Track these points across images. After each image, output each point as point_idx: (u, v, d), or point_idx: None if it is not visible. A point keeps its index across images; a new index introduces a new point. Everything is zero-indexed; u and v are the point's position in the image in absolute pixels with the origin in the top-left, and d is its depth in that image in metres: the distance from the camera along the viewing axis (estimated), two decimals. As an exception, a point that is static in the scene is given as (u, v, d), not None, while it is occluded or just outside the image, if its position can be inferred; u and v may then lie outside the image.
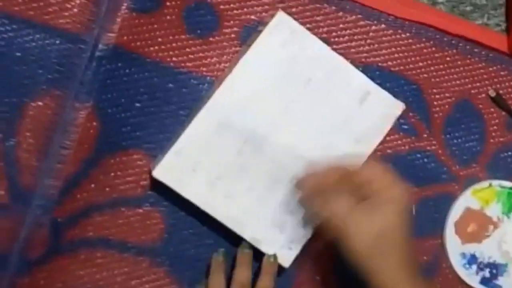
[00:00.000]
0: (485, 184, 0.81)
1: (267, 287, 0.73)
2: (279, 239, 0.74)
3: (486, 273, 0.81)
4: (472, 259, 0.81)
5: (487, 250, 0.80)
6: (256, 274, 0.74)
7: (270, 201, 0.74)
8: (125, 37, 0.71)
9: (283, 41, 0.73)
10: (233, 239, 0.74)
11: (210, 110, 0.71)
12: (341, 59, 0.75)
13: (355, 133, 0.75)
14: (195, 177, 0.71)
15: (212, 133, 0.72)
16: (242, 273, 0.72)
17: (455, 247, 0.80)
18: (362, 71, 0.75)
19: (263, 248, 0.73)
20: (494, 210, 0.81)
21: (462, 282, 0.81)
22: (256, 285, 0.73)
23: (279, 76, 0.73)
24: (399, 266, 0.66)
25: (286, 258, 0.74)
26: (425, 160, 0.80)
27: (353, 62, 0.76)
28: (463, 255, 0.81)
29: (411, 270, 0.67)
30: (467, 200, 0.81)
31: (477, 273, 0.81)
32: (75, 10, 0.70)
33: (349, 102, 0.75)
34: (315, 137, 0.74)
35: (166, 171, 0.71)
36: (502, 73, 0.82)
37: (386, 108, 0.76)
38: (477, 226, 0.81)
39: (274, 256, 0.73)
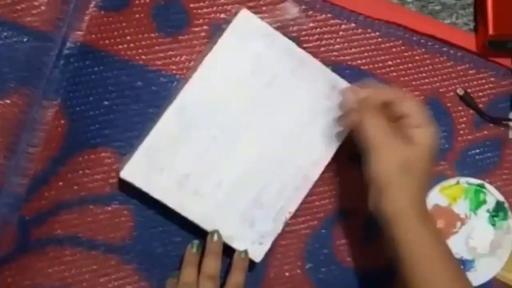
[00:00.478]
0: (452, 181, 0.82)
1: (238, 282, 0.73)
2: (250, 234, 0.74)
3: (455, 269, 0.81)
4: (439, 255, 0.81)
5: (454, 246, 0.80)
6: (227, 270, 0.74)
7: (239, 197, 0.74)
8: (93, 35, 0.70)
9: (248, 38, 0.72)
10: (202, 236, 0.73)
11: (176, 109, 0.71)
12: (306, 54, 0.75)
13: (323, 128, 0.75)
14: (163, 176, 0.71)
15: (179, 131, 0.71)
16: (210, 264, 0.72)
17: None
18: (332, 70, 0.75)
19: (234, 244, 0.73)
20: (461, 207, 0.82)
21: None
22: (227, 281, 0.73)
23: (245, 73, 0.73)
24: (416, 193, 0.69)
25: (257, 253, 0.74)
26: (394, 158, 0.80)
27: (323, 61, 0.76)
28: (431, 250, 0.81)
29: (423, 202, 0.70)
30: (435, 197, 0.81)
31: (445, 269, 0.81)
32: (43, 8, 0.69)
33: (316, 97, 0.75)
34: (283, 133, 0.75)
35: (133, 171, 0.71)
36: (470, 71, 0.82)
37: None
38: (445, 223, 0.81)
39: (245, 252, 0.73)
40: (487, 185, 0.82)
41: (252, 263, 0.74)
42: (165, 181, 0.71)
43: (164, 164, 0.71)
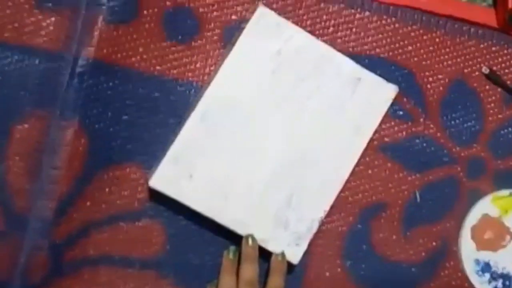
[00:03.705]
0: (506, 192, 0.76)
1: (278, 286, 0.68)
2: (285, 236, 0.69)
3: (499, 283, 0.75)
4: (486, 267, 0.75)
5: (502, 260, 0.75)
6: (266, 274, 0.69)
7: (271, 198, 0.69)
8: (105, 50, 0.66)
9: (267, 35, 0.69)
10: (238, 242, 0.69)
11: (200, 113, 0.68)
12: (327, 47, 0.70)
13: (352, 122, 0.71)
14: (192, 182, 0.67)
15: (205, 136, 0.68)
16: (248, 269, 0.67)
17: (469, 252, 0.75)
18: (351, 61, 0.71)
19: (270, 247, 0.69)
20: (512, 220, 0.77)
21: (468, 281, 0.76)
22: (267, 285, 0.68)
23: (267, 72, 0.69)
24: None
25: (295, 255, 0.70)
26: (424, 144, 0.75)
27: (341, 53, 0.71)
28: (477, 261, 0.75)
29: None
30: (486, 206, 0.75)
31: (489, 282, 0.75)
32: (51, 27, 0.66)
33: (341, 90, 0.71)
34: (312, 130, 0.70)
35: (162, 180, 0.67)
36: (493, 48, 0.77)
37: (379, 92, 0.72)
38: (494, 234, 0.75)
39: (282, 254, 0.69)
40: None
41: (290, 265, 0.70)
42: (195, 187, 0.67)
43: (192, 170, 0.67)
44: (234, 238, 0.69)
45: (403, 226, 0.74)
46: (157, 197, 0.68)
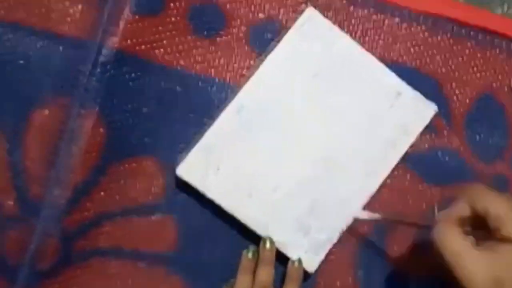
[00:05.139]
0: None
1: None
2: (303, 243, 0.68)
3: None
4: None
5: None
6: (282, 279, 0.68)
7: (296, 203, 0.68)
8: (129, 41, 0.65)
9: (312, 37, 0.68)
10: (251, 243, 0.68)
11: (236, 107, 0.67)
12: (371, 57, 0.69)
13: (387, 135, 0.70)
14: (219, 175, 0.66)
15: (238, 130, 0.67)
16: (264, 272, 0.66)
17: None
18: (377, 68, 0.70)
19: (288, 252, 0.68)
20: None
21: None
22: None
23: (307, 75, 0.68)
24: None
25: (311, 263, 0.68)
26: (447, 158, 0.73)
27: (369, 59, 0.70)
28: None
29: None
30: None
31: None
32: (77, 15, 0.65)
33: (380, 102, 0.69)
34: (345, 139, 0.69)
35: (190, 169, 0.66)
36: (525, 64, 0.75)
37: (417, 110, 0.70)
38: None
39: (299, 261, 0.67)
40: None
41: (305, 273, 0.68)
42: (220, 180, 0.66)
43: (220, 163, 0.66)
44: (247, 238, 0.68)
45: (419, 241, 0.72)
46: (171, 192, 0.67)
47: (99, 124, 0.65)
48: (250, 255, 0.67)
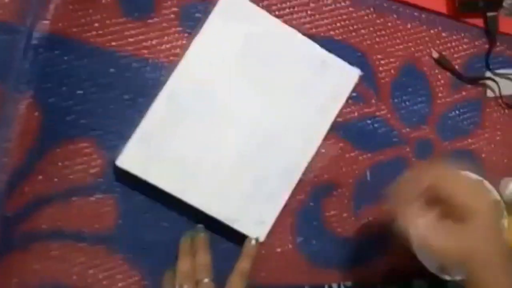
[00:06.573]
0: None
1: (244, 268, 0.68)
2: (251, 216, 0.70)
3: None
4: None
5: None
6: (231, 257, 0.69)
7: (238, 178, 0.70)
8: (60, 24, 0.65)
9: (235, 18, 0.69)
10: (190, 221, 0.70)
11: (167, 94, 0.68)
12: (293, 31, 0.71)
13: (316, 104, 0.72)
14: (159, 161, 0.67)
15: (171, 116, 0.68)
16: (201, 257, 0.68)
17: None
18: (306, 42, 0.72)
19: (236, 226, 0.70)
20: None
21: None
22: (236, 266, 0.69)
23: (234, 55, 0.69)
24: (495, 282, 0.58)
25: (260, 233, 0.70)
26: (375, 125, 0.77)
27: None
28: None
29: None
30: None
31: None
32: (6, 0, 0.64)
33: (306, 73, 0.72)
34: (278, 111, 0.71)
35: (129, 159, 0.67)
36: (443, 34, 0.79)
37: (342, 76, 0.73)
38: None
39: (256, 239, 0.70)
40: (486, 183, 0.74)
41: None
42: (162, 166, 0.67)
43: (159, 149, 0.67)
44: (188, 215, 0.69)
45: (354, 204, 0.76)
46: (109, 172, 0.67)
47: (34, 107, 0.65)
48: (187, 240, 0.69)
